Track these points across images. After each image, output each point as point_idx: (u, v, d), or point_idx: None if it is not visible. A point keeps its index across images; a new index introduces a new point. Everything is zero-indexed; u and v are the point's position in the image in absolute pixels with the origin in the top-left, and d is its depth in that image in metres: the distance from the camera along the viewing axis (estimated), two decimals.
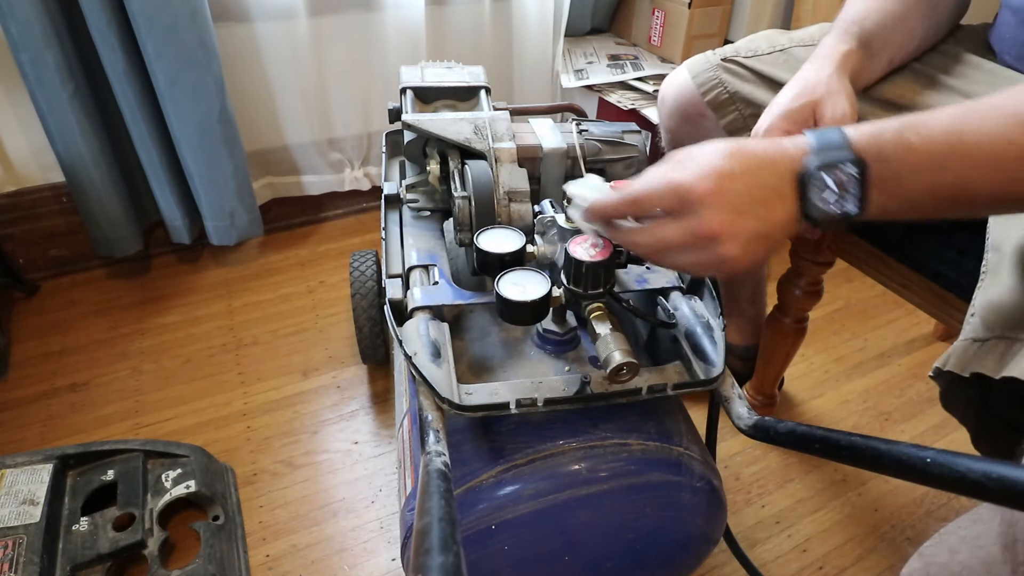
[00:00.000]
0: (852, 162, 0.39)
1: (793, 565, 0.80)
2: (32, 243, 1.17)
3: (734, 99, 0.71)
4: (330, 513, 0.83)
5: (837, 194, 0.39)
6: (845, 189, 0.39)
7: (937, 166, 0.38)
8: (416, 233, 0.67)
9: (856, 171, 0.39)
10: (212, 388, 1.00)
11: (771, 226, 0.41)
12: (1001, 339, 0.43)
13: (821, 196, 0.39)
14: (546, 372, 0.55)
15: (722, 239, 0.40)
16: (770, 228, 0.41)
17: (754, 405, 0.99)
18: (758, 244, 0.41)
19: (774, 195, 0.41)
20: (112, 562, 0.71)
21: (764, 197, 0.40)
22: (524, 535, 0.51)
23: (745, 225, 0.40)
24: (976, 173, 0.37)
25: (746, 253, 0.41)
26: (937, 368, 0.46)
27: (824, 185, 0.39)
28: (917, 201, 0.39)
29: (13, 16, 0.89)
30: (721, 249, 0.40)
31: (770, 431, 0.45)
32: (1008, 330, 0.42)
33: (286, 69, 1.17)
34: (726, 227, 0.40)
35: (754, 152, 0.41)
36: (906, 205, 0.39)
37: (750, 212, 0.40)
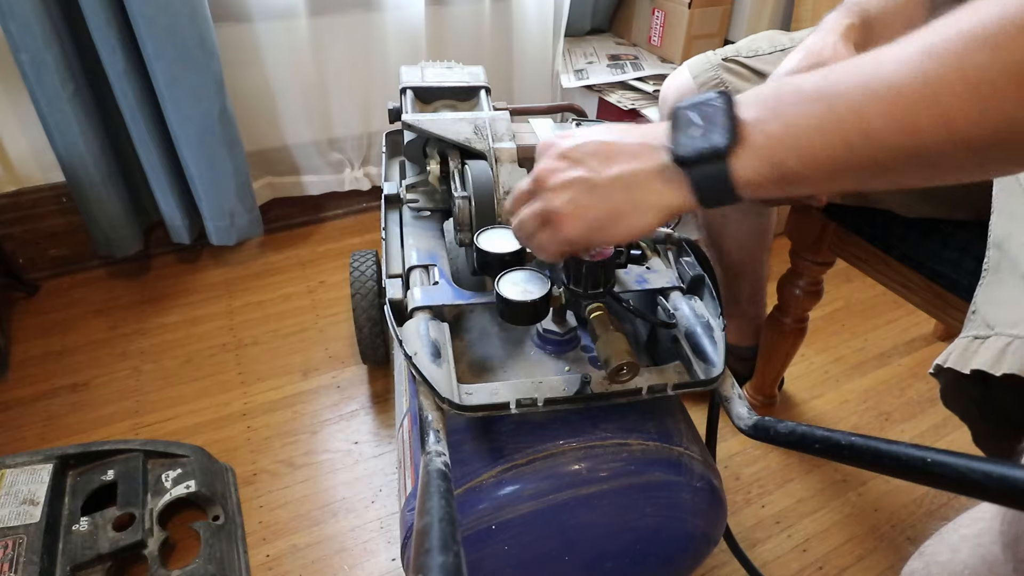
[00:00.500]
0: (718, 95, 0.37)
1: (793, 565, 0.80)
2: (32, 243, 1.17)
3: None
4: (330, 513, 0.83)
5: (702, 126, 0.36)
6: (710, 121, 0.36)
7: (822, 95, 0.33)
8: (416, 233, 0.67)
9: (720, 101, 0.36)
10: (212, 388, 1.00)
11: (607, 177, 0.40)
12: (1002, 336, 0.43)
13: (687, 132, 0.37)
14: (546, 372, 0.55)
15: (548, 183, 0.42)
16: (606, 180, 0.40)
17: (754, 405, 0.99)
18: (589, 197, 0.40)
19: (619, 152, 0.40)
20: (112, 562, 0.71)
21: (606, 153, 0.40)
22: (524, 535, 0.51)
23: (572, 173, 0.41)
24: (873, 107, 0.31)
25: (572, 204, 0.41)
26: (938, 365, 0.46)
27: (687, 122, 0.37)
28: (803, 141, 0.33)
29: (13, 16, 0.89)
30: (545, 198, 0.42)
31: (770, 431, 0.45)
32: (1009, 327, 0.42)
33: (286, 69, 1.17)
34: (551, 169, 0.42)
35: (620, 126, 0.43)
36: (791, 145, 0.34)
37: (584, 160, 0.41)
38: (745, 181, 0.36)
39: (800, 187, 0.35)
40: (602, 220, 0.40)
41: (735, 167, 0.35)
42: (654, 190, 0.39)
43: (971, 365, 0.43)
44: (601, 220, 0.40)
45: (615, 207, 0.40)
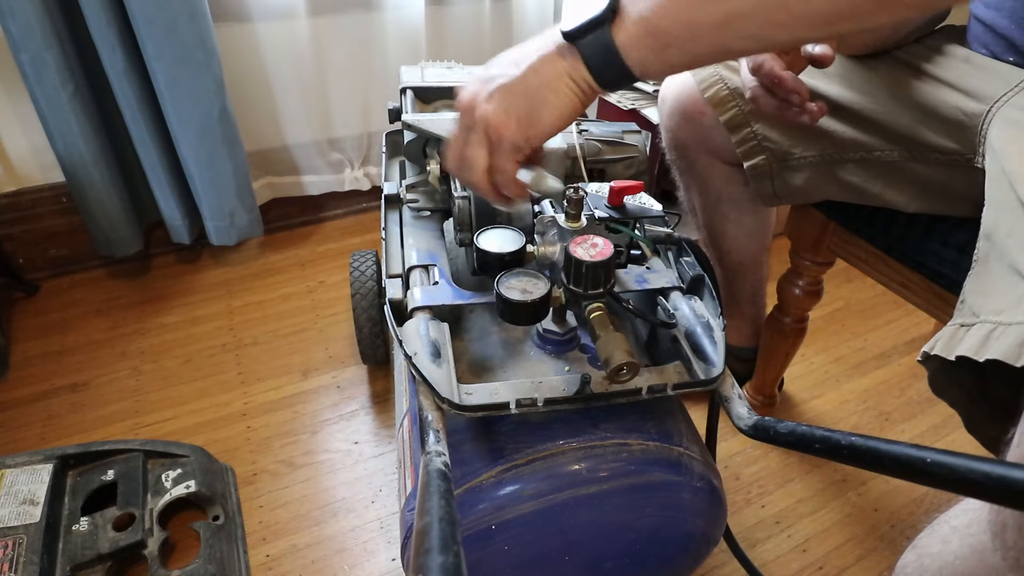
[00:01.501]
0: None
1: (793, 565, 0.80)
2: (32, 243, 1.17)
3: (734, 95, 0.71)
4: (330, 513, 0.83)
5: (587, 4, 0.40)
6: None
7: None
8: (416, 233, 0.67)
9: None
10: (212, 388, 1.00)
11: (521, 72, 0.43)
12: (986, 323, 0.43)
13: (573, 14, 0.41)
14: (546, 372, 0.55)
15: (476, 103, 0.44)
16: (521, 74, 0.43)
17: (754, 405, 0.99)
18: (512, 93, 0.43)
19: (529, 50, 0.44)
20: (112, 562, 0.71)
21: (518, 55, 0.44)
22: (524, 535, 0.51)
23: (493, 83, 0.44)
24: None
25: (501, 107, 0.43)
26: (925, 352, 0.46)
27: (577, 4, 0.41)
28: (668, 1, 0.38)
29: (13, 16, 0.89)
30: (476, 115, 0.44)
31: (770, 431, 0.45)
32: (993, 314, 0.43)
33: (286, 69, 1.17)
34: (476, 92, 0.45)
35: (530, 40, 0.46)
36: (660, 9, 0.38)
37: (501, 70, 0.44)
38: (624, 47, 0.40)
39: (676, 49, 0.39)
40: (530, 112, 0.44)
41: (615, 34, 0.40)
42: (558, 69, 0.43)
43: (956, 352, 0.43)
44: (529, 112, 0.44)
45: (534, 94, 0.43)
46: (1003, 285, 0.44)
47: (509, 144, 0.45)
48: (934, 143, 0.63)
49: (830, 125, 0.68)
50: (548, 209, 0.58)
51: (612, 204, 0.57)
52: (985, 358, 0.41)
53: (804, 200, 0.76)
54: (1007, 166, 0.50)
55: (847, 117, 0.67)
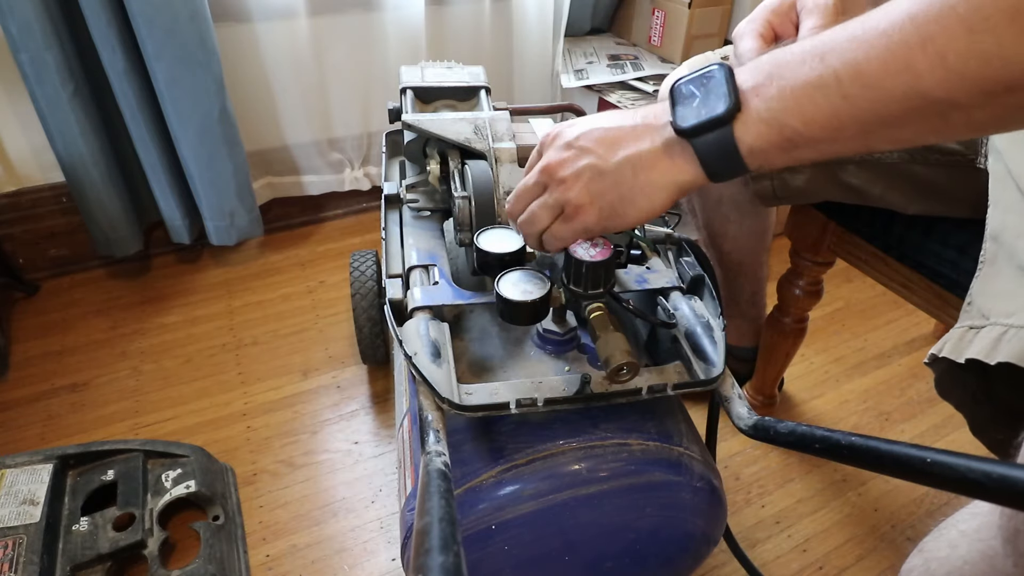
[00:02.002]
0: (717, 67, 0.37)
1: (793, 565, 0.80)
2: (32, 243, 1.17)
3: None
4: (330, 513, 0.83)
5: (701, 96, 0.37)
6: (710, 90, 0.37)
7: (815, 53, 0.33)
8: (416, 233, 0.67)
9: (718, 70, 0.37)
10: (212, 388, 1.00)
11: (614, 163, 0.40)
12: (997, 326, 0.43)
13: (687, 104, 0.38)
14: (546, 372, 0.55)
15: (558, 174, 0.42)
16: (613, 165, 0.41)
17: (754, 405, 0.99)
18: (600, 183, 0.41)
19: (623, 137, 0.41)
20: (112, 562, 0.71)
21: (610, 139, 0.41)
22: (524, 535, 0.51)
23: (581, 161, 0.41)
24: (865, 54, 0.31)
25: (585, 192, 0.41)
26: (933, 355, 0.46)
27: (690, 94, 0.37)
28: (802, 100, 0.34)
29: (13, 16, 0.89)
30: (558, 189, 0.43)
31: (770, 431, 0.45)
32: (1004, 317, 0.43)
33: (286, 69, 1.17)
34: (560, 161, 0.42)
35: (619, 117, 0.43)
36: (790, 106, 0.34)
37: (590, 149, 0.41)
38: (749, 148, 0.36)
39: (805, 150, 0.35)
40: (615, 205, 0.41)
41: (739, 133, 0.36)
42: (662, 169, 0.40)
43: (966, 354, 0.43)
44: (614, 205, 0.41)
45: (626, 191, 0.41)
46: (1013, 287, 0.44)
47: (582, 227, 0.43)
48: (936, 145, 0.62)
49: None
50: None
51: None
52: (997, 361, 0.41)
53: (804, 201, 0.76)
54: (1013, 167, 0.50)
55: None
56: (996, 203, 0.51)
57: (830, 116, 0.33)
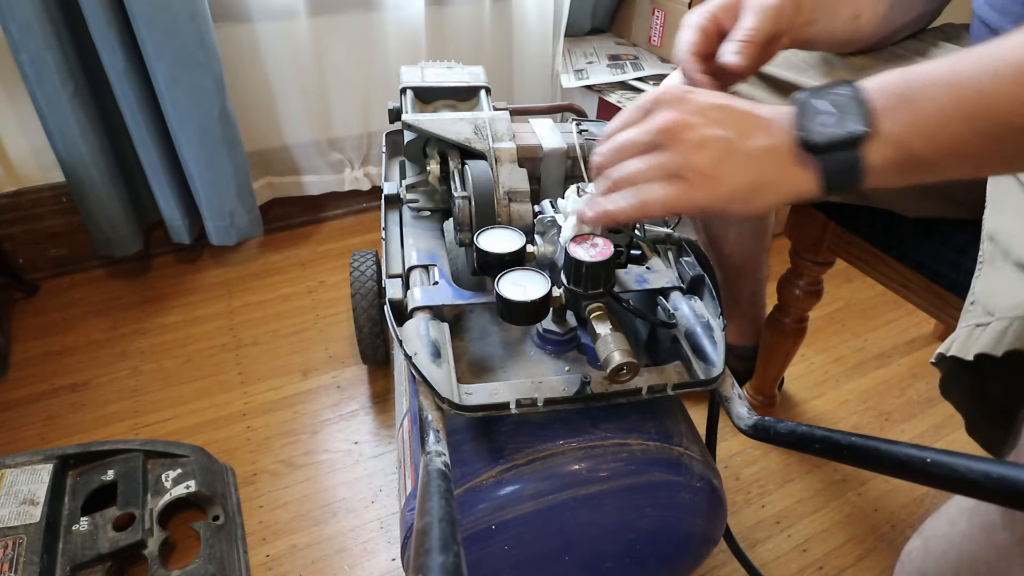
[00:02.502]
0: (845, 84, 0.37)
1: (793, 565, 0.80)
2: (32, 243, 1.17)
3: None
4: (330, 513, 0.83)
5: (835, 114, 0.36)
6: (842, 109, 0.36)
7: (950, 81, 0.34)
8: (416, 233, 0.67)
9: (849, 90, 0.37)
10: (212, 388, 1.00)
11: (750, 147, 0.38)
12: (1002, 319, 0.43)
13: (817, 120, 0.37)
14: (546, 372, 0.55)
15: (685, 136, 0.39)
16: (749, 148, 0.38)
17: (754, 405, 0.99)
18: (734, 161, 0.38)
19: (755, 125, 0.39)
20: (112, 562, 0.71)
21: (743, 122, 0.39)
22: (524, 535, 0.51)
23: (714, 131, 0.38)
24: (1000, 89, 0.32)
25: (717, 165, 0.38)
26: (940, 354, 0.46)
27: (816, 110, 0.37)
28: (932, 127, 0.34)
29: (13, 16, 0.89)
30: (686, 150, 0.39)
31: (770, 431, 0.45)
32: (1009, 311, 0.43)
33: (286, 69, 1.17)
34: (689, 123, 0.39)
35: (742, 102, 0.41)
36: (920, 131, 0.35)
37: (723, 122, 0.39)
38: (874, 168, 0.36)
39: (925, 174, 0.36)
40: (743, 191, 0.39)
41: (868, 154, 0.36)
42: (790, 171, 0.38)
43: (974, 351, 0.43)
44: (743, 190, 0.39)
45: (758, 179, 0.39)
46: (1014, 282, 0.44)
47: (703, 201, 0.39)
48: None
49: None
50: (548, 209, 0.58)
51: None
52: (1003, 351, 0.41)
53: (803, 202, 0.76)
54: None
55: None
56: (992, 204, 0.51)
57: (958, 144, 0.34)
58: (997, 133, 0.33)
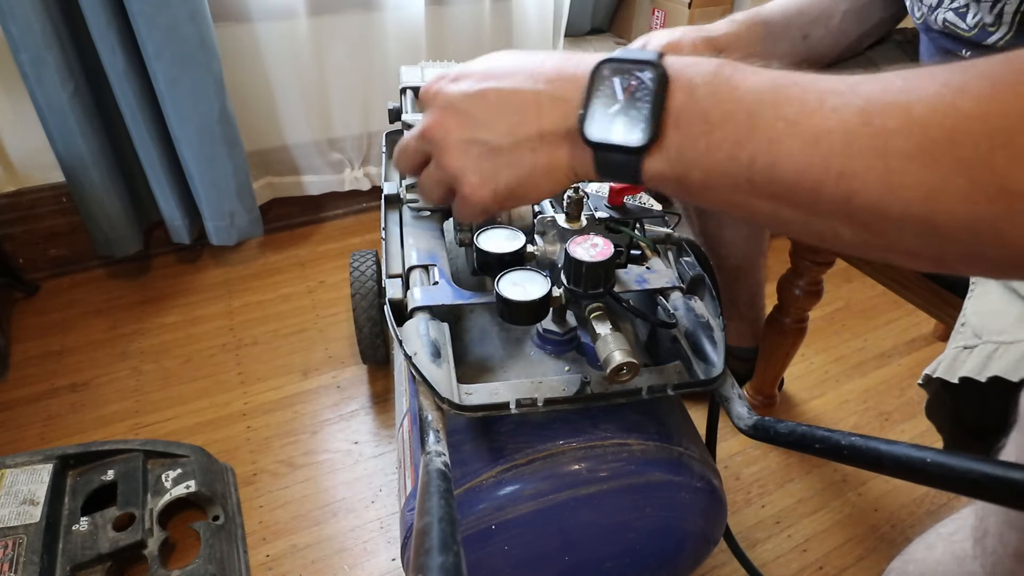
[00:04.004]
0: (652, 67, 0.30)
1: (793, 565, 0.80)
2: (32, 243, 1.17)
3: None
4: (330, 513, 0.83)
5: (621, 105, 0.31)
6: (633, 102, 0.30)
7: (751, 114, 0.28)
8: (416, 233, 0.67)
9: (652, 76, 0.30)
10: (212, 388, 1.00)
11: (514, 140, 0.34)
12: (988, 344, 0.43)
13: (603, 105, 0.32)
14: (546, 372, 0.55)
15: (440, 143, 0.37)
16: (512, 142, 0.34)
17: (754, 405, 0.99)
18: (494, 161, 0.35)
19: (523, 107, 0.34)
20: (112, 562, 0.71)
21: (507, 107, 0.34)
22: (524, 535, 0.51)
23: (467, 133, 0.36)
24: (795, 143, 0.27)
25: (476, 170, 0.36)
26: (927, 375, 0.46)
27: (611, 91, 0.31)
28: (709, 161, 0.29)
29: (13, 16, 0.89)
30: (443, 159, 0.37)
31: (770, 431, 0.45)
32: (996, 335, 0.43)
33: (286, 69, 1.17)
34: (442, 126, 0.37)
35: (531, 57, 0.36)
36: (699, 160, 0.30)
37: (479, 115, 0.35)
38: (650, 175, 0.32)
39: (702, 201, 0.32)
40: (512, 188, 0.36)
41: (644, 162, 0.31)
42: (563, 154, 0.34)
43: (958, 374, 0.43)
44: (511, 188, 0.36)
45: (525, 173, 0.35)
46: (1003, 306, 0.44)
47: (479, 208, 0.38)
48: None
49: None
50: (548, 209, 0.58)
51: (612, 204, 0.57)
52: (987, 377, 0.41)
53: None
54: None
55: None
56: None
57: (730, 188, 0.30)
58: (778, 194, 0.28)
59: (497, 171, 0.36)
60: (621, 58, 0.32)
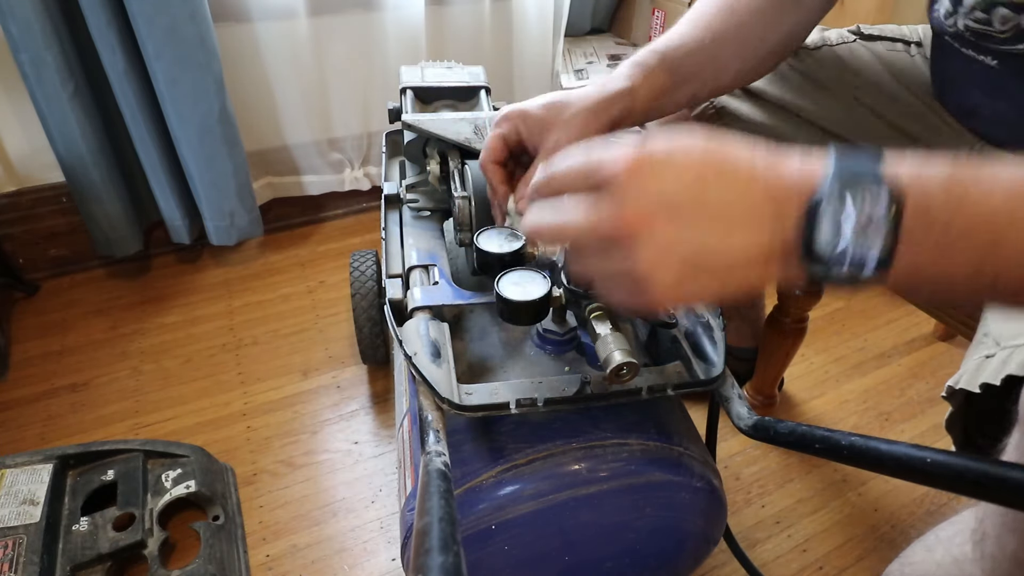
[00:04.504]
0: (886, 190, 0.28)
1: (793, 565, 0.80)
2: (32, 243, 1.17)
3: (721, 114, 0.70)
4: (330, 513, 0.83)
5: (856, 228, 0.28)
6: (869, 224, 0.28)
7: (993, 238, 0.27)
8: (416, 233, 0.67)
9: (888, 200, 0.28)
10: (212, 388, 1.00)
11: (727, 248, 0.30)
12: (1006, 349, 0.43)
13: (831, 226, 0.28)
14: (546, 372, 0.55)
15: (639, 243, 0.30)
16: (726, 253, 0.30)
17: (754, 405, 0.99)
18: (703, 272, 0.31)
19: (747, 214, 0.30)
20: (112, 562, 0.71)
21: (728, 212, 0.30)
22: (524, 535, 0.51)
23: (679, 234, 0.30)
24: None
25: (675, 282, 0.31)
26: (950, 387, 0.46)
27: (839, 211, 0.28)
28: (945, 280, 0.29)
29: (13, 16, 0.89)
30: (638, 257, 0.31)
31: (770, 431, 0.45)
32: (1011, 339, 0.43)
33: (286, 69, 1.17)
34: (645, 226, 0.30)
35: (740, 156, 0.31)
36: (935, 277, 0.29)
37: (693, 216, 0.30)
38: (870, 284, 0.30)
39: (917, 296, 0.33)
40: (703, 296, 0.32)
41: (872, 277, 0.30)
42: (774, 268, 0.31)
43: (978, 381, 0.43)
44: (702, 296, 0.32)
45: (726, 286, 0.32)
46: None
47: (650, 305, 0.33)
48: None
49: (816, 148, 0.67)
50: None
51: None
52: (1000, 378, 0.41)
53: None
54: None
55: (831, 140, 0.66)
56: None
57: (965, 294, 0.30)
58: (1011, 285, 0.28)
59: (704, 281, 0.31)
60: (849, 173, 0.29)
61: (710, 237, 0.30)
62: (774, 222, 0.30)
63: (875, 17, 1.24)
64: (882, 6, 1.26)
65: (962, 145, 0.59)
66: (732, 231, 0.30)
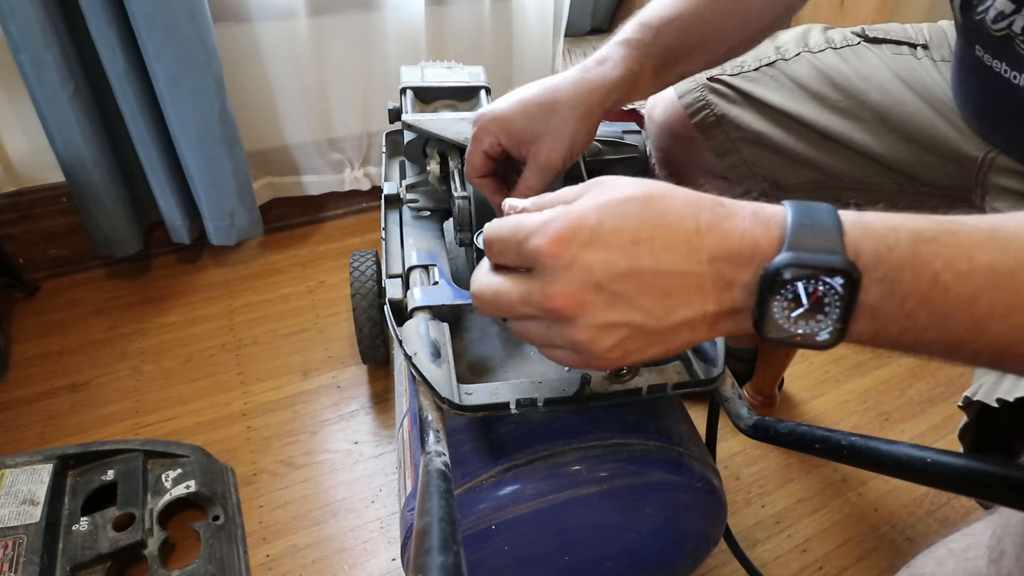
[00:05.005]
0: (840, 270, 0.27)
1: (793, 565, 0.80)
2: (32, 243, 1.17)
3: (721, 121, 0.70)
4: (330, 513, 0.83)
5: (806, 310, 0.28)
6: (821, 309, 0.28)
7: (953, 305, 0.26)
8: (416, 233, 0.67)
9: (843, 284, 0.27)
10: (212, 388, 1.00)
11: (670, 323, 0.30)
12: None
13: (784, 312, 0.28)
14: (546, 372, 0.55)
15: (572, 322, 0.30)
16: (668, 326, 0.30)
17: (754, 405, 0.99)
18: (644, 342, 0.30)
19: (690, 285, 0.29)
20: (112, 562, 0.71)
21: (667, 284, 0.29)
22: (524, 535, 0.51)
23: (619, 315, 0.29)
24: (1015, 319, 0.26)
25: (617, 348, 0.30)
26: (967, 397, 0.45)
27: (793, 293, 0.28)
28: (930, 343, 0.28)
29: (13, 16, 0.89)
30: (574, 334, 0.30)
31: (770, 431, 0.45)
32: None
33: (286, 69, 1.17)
34: (575, 306, 0.29)
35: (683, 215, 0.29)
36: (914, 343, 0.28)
37: (634, 295, 0.29)
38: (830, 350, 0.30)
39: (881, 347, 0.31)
40: (649, 356, 0.32)
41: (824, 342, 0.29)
42: (724, 328, 0.31)
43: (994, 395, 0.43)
44: (649, 356, 0.32)
45: (675, 347, 0.32)
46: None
47: (595, 367, 0.33)
48: (930, 180, 0.62)
49: (818, 157, 0.66)
50: None
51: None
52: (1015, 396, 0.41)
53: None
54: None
55: (834, 148, 0.65)
56: None
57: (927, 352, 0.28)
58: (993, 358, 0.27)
59: (643, 349, 0.31)
60: (804, 263, 0.27)
61: (648, 313, 0.29)
62: (720, 292, 0.29)
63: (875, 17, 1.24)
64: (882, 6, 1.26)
65: (972, 151, 0.58)
66: (673, 304, 0.29)
